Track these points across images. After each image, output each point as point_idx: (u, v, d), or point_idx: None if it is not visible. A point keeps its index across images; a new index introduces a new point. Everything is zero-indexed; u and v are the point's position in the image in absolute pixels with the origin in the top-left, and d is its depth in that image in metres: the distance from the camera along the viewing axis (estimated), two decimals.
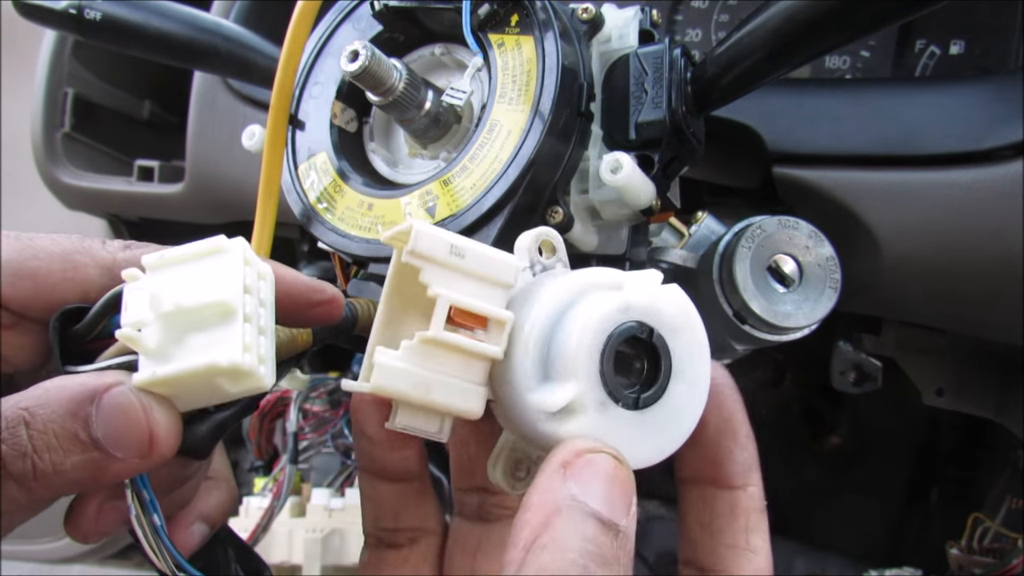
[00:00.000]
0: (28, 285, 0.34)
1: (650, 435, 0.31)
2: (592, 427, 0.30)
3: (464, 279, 0.32)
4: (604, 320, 0.31)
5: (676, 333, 0.32)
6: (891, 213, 0.54)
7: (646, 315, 0.31)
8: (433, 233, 0.31)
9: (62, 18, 0.52)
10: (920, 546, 1.09)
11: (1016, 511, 0.75)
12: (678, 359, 0.31)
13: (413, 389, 0.31)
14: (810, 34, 0.41)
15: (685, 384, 0.32)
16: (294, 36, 0.45)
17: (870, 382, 0.74)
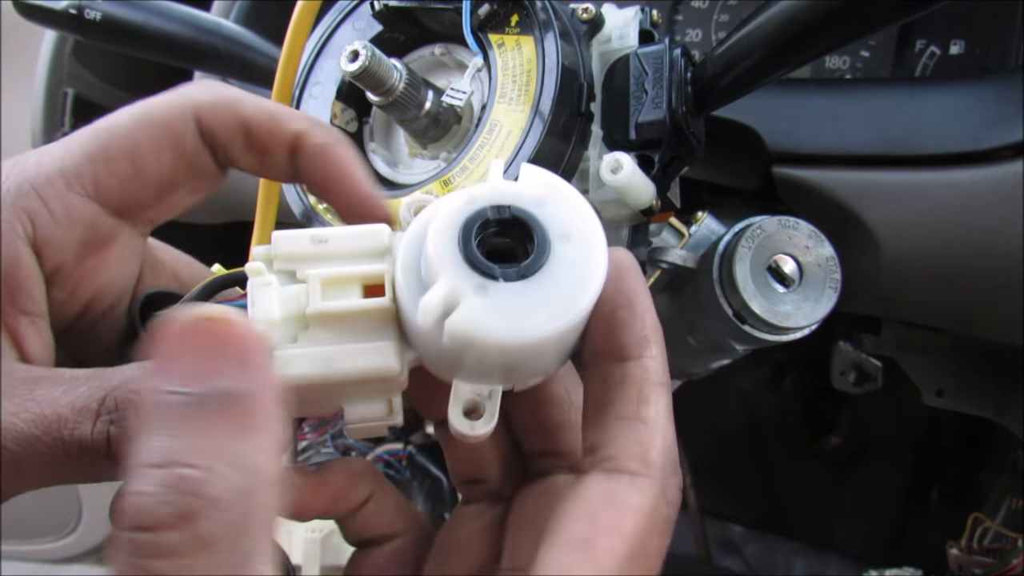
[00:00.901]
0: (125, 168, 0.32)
1: (552, 296, 0.30)
2: (474, 309, 0.29)
3: (339, 262, 0.32)
4: (453, 214, 0.30)
5: (543, 203, 0.31)
6: (891, 213, 0.55)
7: (499, 198, 0.31)
8: (290, 235, 0.32)
9: (62, 18, 0.52)
10: (920, 546, 1.09)
11: (1016, 511, 0.75)
12: (557, 223, 0.31)
13: (315, 366, 0.30)
14: (810, 34, 0.41)
15: (573, 243, 0.30)
16: (294, 36, 0.45)
17: (870, 382, 0.74)
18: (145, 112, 0.32)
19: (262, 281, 0.31)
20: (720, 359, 0.61)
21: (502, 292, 0.29)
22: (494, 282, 0.29)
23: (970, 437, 1.05)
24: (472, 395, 0.32)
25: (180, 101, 0.33)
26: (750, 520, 1.22)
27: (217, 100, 0.33)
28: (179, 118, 0.32)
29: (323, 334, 0.31)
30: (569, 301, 0.30)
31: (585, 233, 0.31)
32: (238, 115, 0.33)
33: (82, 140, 0.31)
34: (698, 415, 1.17)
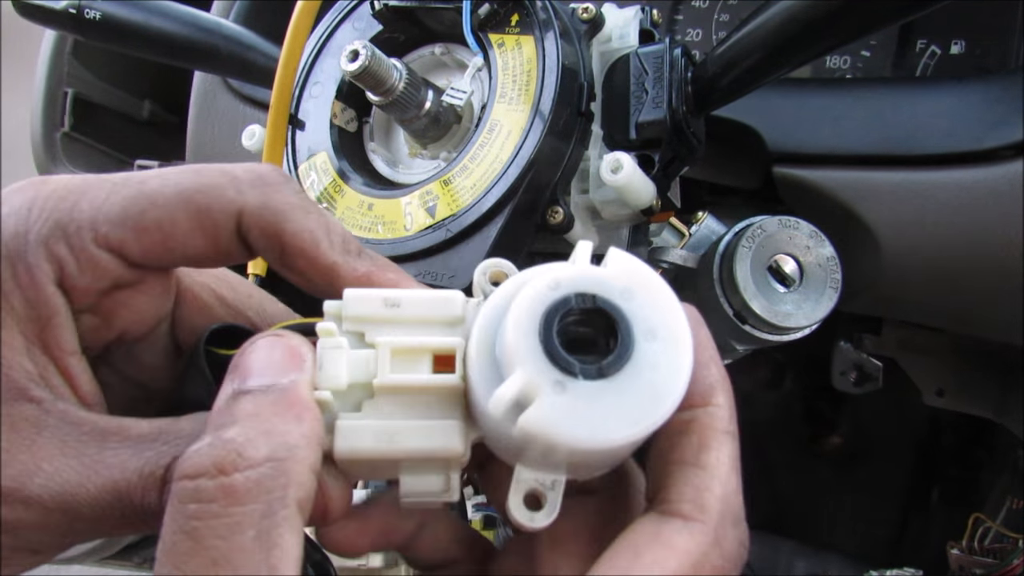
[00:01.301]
0: (155, 238, 0.31)
1: (631, 400, 0.28)
2: (551, 407, 0.28)
3: (411, 327, 0.31)
4: (535, 301, 0.29)
5: (631, 294, 0.29)
6: (891, 213, 0.54)
7: (584, 285, 0.29)
8: (362, 295, 0.31)
9: (62, 18, 0.52)
10: (921, 546, 1.09)
11: (1017, 511, 0.75)
12: (643, 318, 0.29)
13: (377, 441, 0.30)
14: (811, 34, 0.41)
15: (659, 341, 0.29)
16: (294, 36, 0.45)
17: (871, 382, 0.74)
18: (191, 191, 0.31)
19: (333, 344, 0.30)
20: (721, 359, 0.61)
21: (580, 390, 0.28)
22: (573, 379, 0.28)
23: (970, 437, 1.05)
24: (534, 484, 0.31)
25: (228, 197, 0.32)
26: (750, 520, 1.22)
27: (264, 210, 0.32)
28: (222, 213, 0.32)
29: (388, 406, 0.30)
30: (649, 408, 0.28)
31: (672, 332, 0.29)
32: (280, 233, 0.32)
33: (122, 200, 0.31)
34: None
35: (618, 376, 0.28)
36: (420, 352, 0.31)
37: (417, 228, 0.45)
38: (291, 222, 0.32)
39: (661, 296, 0.30)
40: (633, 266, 0.30)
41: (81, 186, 0.31)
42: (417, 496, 0.32)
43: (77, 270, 0.30)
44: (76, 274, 0.30)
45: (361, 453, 0.30)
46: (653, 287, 0.30)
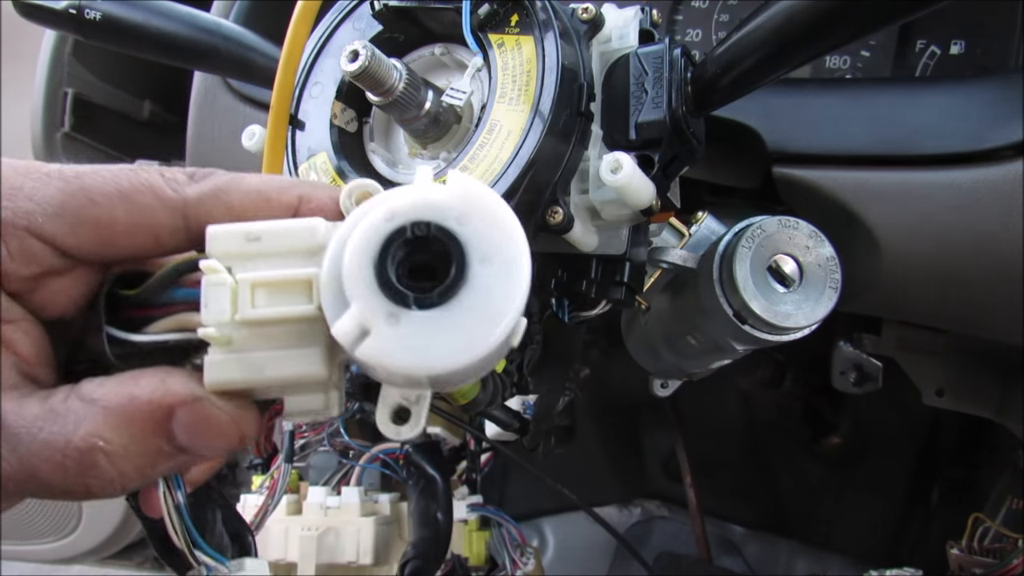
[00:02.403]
0: (90, 233, 0.33)
1: (464, 326, 0.29)
2: (386, 341, 0.28)
3: (274, 259, 0.32)
4: (369, 233, 0.29)
5: (466, 219, 0.30)
6: (891, 213, 0.54)
7: (419, 214, 0.29)
8: (225, 230, 0.32)
9: (62, 18, 0.52)
10: (921, 546, 1.09)
11: (1016, 511, 0.75)
12: (478, 243, 0.29)
13: (245, 373, 0.31)
14: (810, 34, 0.41)
15: (493, 265, 0.29)
16: (294, 36, 0.45)
17: (871, 382, 0.74)
18: (130, 190, 0.33)
19: (217, 280, 0.31)
20: (720, 359, 0.61)
21: (414, 320, 0.29)
22: (406, 310, 0.29)
23: (970, 437, 1.05)
24: (400, 399, 0.33)
25: (167, 195, 0.33)
26: (750, 520, 1.22)
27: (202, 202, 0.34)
28: (164, 211, 0.33)
29: (255, 339, 0.31)
30: (482, 332, 0.29)
31: (506, 255, 0.29)
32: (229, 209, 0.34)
33: (61, 194, 0.32)
34: (698, 415, 1.17)
35: (452, 303, 0.29)
36: (279, 285, 0.32)
37: None
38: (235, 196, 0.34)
39: (497, 219, 0.30)
40: (469, 189, 0.30)
41: (20, 175, 0.32)
42: (300, 415, 0.33)
43: (9, 256, 0.32)
44: (8, 260, 0.32)
45: (231, 385, 0.31)
46: (488, 211, 0.30)
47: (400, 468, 0.90)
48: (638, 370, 0.73)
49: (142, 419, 0.31)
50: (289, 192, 0.35)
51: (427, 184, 0.31)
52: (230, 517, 0.43)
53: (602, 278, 0.50)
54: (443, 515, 0.83)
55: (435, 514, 0.83)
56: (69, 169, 0.33)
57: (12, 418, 0.31)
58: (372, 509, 0.89)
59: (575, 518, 1.26)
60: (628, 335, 0.72)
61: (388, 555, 0.88)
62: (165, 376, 0.32)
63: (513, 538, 0.95)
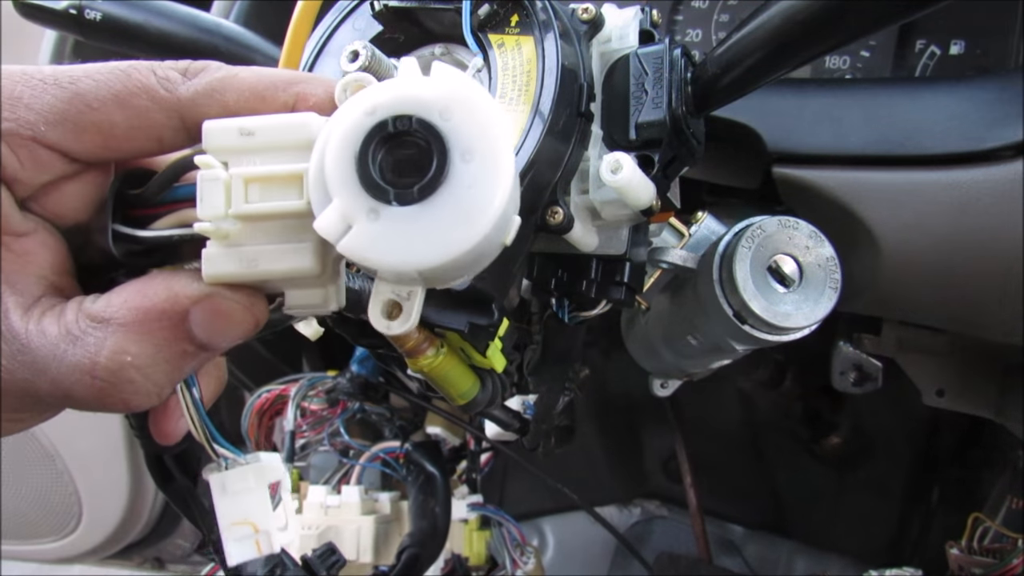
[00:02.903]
0: (93, 138, 0.33)
1: (445, 221, 0.29)
2: (366, 237, 0.29)
3: (268, 154, 0.32)
4: (350, 128, 0.29)
5: (449, 112, 0.29)
6: (891, 213, 0.54)
7: (401, 107, 0.29)
8: (220, 125, 0.32)
9: (62, 18, 0.52)
10: (920, 546, 1.09)
11: (1016, 511, 0.75)
12: (460, 137, 0.29)
13: (240, 266, 0.31)
14: (810, 34, 0.41)
15: (476, 161, 0.29)
16: (294, 36, 0.45)
17: (870, 382, 0.74)
18: (125, 94, 0.33)
19: (211, 176, 0.32)
20: (720, 359, 0.62)
21: (395, 216, 0.28)
22: (387, 206, 0.28)
23: (970, 437, 1.05)
24: (391, 294, 0.33)
25: (161, 96, 0.33)
26: (750, 520, 1.22)
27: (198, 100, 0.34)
28: (161, 112, 0.33)
29: (250, 232, 0.32)
30: (463, 227, 0.29)
31: (489, 150, 0.29)
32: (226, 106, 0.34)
33: (59, 102, 0.32)
34: (698, 415, 1.17)
35: (432, 199, 0.29)
36: (272, 179, 0.32)
37: None
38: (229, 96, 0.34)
39: (480, 113, 0.30)
40: (452, 84, 0.30)
41: (17, 83, 0.32)
42: (299, 308, 0.34)
43: (20, 166, 0.32)
44: (18, 168, 0.32)
45: (227, 277, 0.32)
46: (472, 104, 0.30)
47: (400, 466, 0.90)
48: (638, 370, 0.73)
49: (161, 327, 0.31)
50: (285, 90, 0.34)
51: (411, 77, 0.30)
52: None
53: (602, 278, 0.50)
54: (441, 509, 0.83)
55: (433, 508, 0.83)
56: (64, 74, 0.33)
57: (37, 341, 0.31)
58: (372, 508, 0.89)
59: (575, 518, 1.26)
60: (628, 335, 0.72)
61: (388, 553, 0.88)
62: (170, 281, 0.32)
63: (513, 537, 0.95)
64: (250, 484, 0.41)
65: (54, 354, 0.31)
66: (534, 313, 0.56)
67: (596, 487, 1.27)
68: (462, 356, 0.49)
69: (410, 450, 0.88)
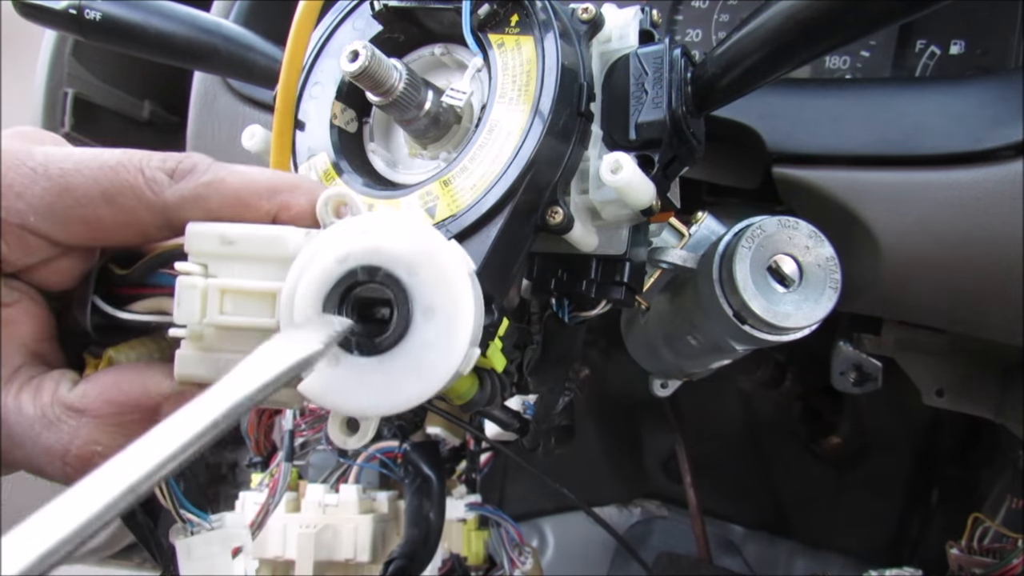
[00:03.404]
0: (80, 229, 0.34)
1: (398, 376, 0.30)
2: (325, 382, 0.30)
3: (246, 264, 0.33)
4: (322, 274, 0.30)
5: (416, 268, 0.30)
6: (891, 213, 0.54)
7: (371, 259, 0.30)
8: (203, 230, 0.33)
9: (62, 18, 0.52)
10: (920, 546, 1.09)
11: (1016, 511, 0.75)
12: (424, 294, 0.30)
13: (211, 370, 0.33)
14: (810, 34, 0.41)
15: (435, 320, 0.30)
16: (296, 36, 0.45)
17: (870, 382, 0.74)
18: (113, 192, 0.34)
19: (189, 283, 0.33)
20: (720, 359, 0.61)
21: (354, 364, 0.30)
22: (347, 354, 0.30)
23: (970, 437, 1.05)
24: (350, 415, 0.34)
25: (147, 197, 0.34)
26: (750, 520, 1.22)
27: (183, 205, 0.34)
28: (147, 211, 0.34)
29: (223, 339, 0.33)
30: (416, 385, 0.30)
31: (449, 311, 0.30)
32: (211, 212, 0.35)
33: (48, 194, 0.33)
34: (698, 415, 1.17)
35: (391, 353, 0.30)
36: (246, 294, 0.33)
37: None
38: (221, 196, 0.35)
39: (445, 273, 0.31)
40: (422, 239, 0.31)
41: (9, 168, 0.33)
42: (270, 404, 0.35)
43: (8, 250, 0.34)
44: (7, 251, 0.34)
45: (196, 379, 0.33)
46: (439, 263, 0.31)
47: (397, 467, 0.90)
48: (638, 370, 0.73)
49: (132, 420, 0.33)
50: (269, 199, 0.35)
51: (385, 227, 0.31)
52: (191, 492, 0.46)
53: (602, 278, 0.50)
54: (435, 515, 0.84)
55: (427, 514, 0.83)
56: (55, 164, 0.34)
57: (14, 417, 0.32)
58: (370, 507, 0.89)
59: (575, 518, 1.26)
60: (628, 335, 0.72)
61: (385, 552, 0.88)
62: (144, 376, 0.34)
63: (511, 537, 0.95)
64: (214, 550, 0.42)
65: (28, 434, 0.32)
66: (534, 313, 0.56)
67: (596, 487, 1.27)
68: None
69: (408, 451, 0.88)
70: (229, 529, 0.43)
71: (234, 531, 0.43)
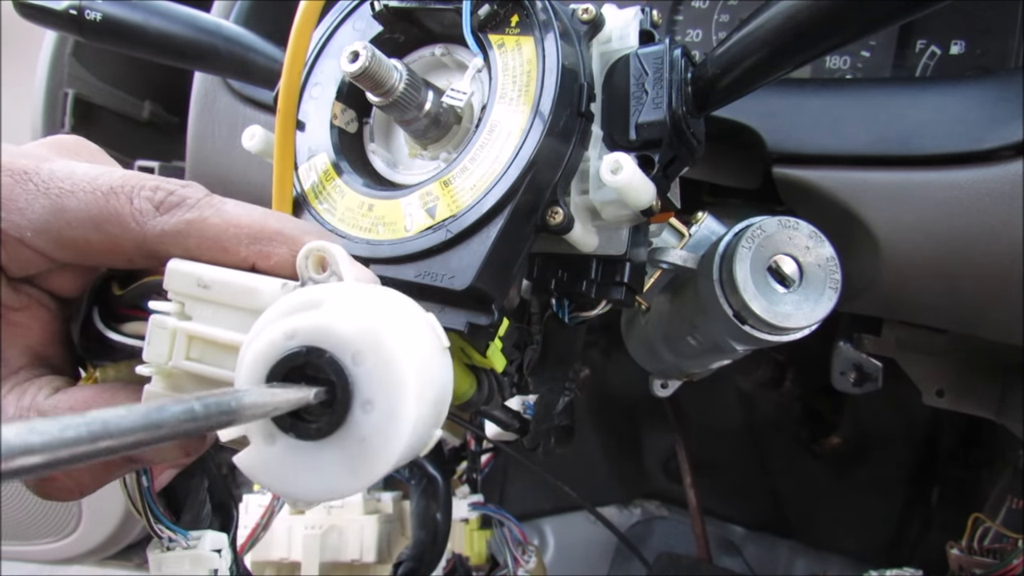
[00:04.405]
0: (71, 250, 0.35)
1: (331, 466, 0.29)
2: (258, 458, 0.29)
3: (220, 309, 0.33)
4: (267, 349, 0.29)
5: (362, 357, 0.29)
6: (891, 213, 0.54)
7: (319, 340, 0.29)
8: (182, 269, 0.34)
9: (62, 18, 0.52)
10: (920, 546, 1.09)
11: (1017, 511, 0.75)
12: (366, 386, 0.29)
13: None
14: (810, 35, 0.41)
15: (374, 414, 0.29)
16: (298, 37, 0.45)
17: (871, 382, 0.74)
18: (100, 220, 0.35)
19: (160, 322, 0.33)
20: (720, 359, 0.62)
21: (289, 446, 0.29)
22: (283, 434, 0.29)
23: (970, 437, 1.05)
24: None
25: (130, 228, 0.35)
26: (750, 520, 1.22)
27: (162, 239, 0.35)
28: (129, 241, 0.35)
29: (189, 381, 0.33)
30: (347, 477, 0.29)
31: (389, 409, 0.29)
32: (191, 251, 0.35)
33: (45, 213, 0.34)
34: (698, 415, 1.17)
35: (327, 440, 0.29)
36: (213, 343, 0.33)
37: (417, 229, 0.45)
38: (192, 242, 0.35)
39: (390, 366, 0.29)
40: (377, 329, 0.29)
41: (17, 183, 0.35)
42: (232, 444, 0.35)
43: (8, 260, 0.35)
44: (8, 261, 0.35)
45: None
46: (385, 355, 0.29)
47: (403, 468, 0.90)
48: (638, 370, 0.73)
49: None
50: (248, 247, 0.35)
51: (338, 307, 0.30)
52: (217, 487, 0.45)
53: (602, 278, 0.50)
54: (442, 516, 0.83)
55: (434, 515, 0.83)
56: (56, 183, 0.35)
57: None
58: (375, 507, 0.89)
59: (575, 518, 1.26)
60: (628, 335, 0.72)
61: (391, 553, 0.88)
62: (117, 399, 0.35)
63: (515, 536, 0.95)
64: (184, 569, 0.42)
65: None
66: (534, 313, 0.56)
67: (596, 487, 1.27)
68: (461, 356, 0.49)
69: None
70: (203, 552, 0.42)
71: (207, 554, 0.42)
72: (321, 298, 0.30)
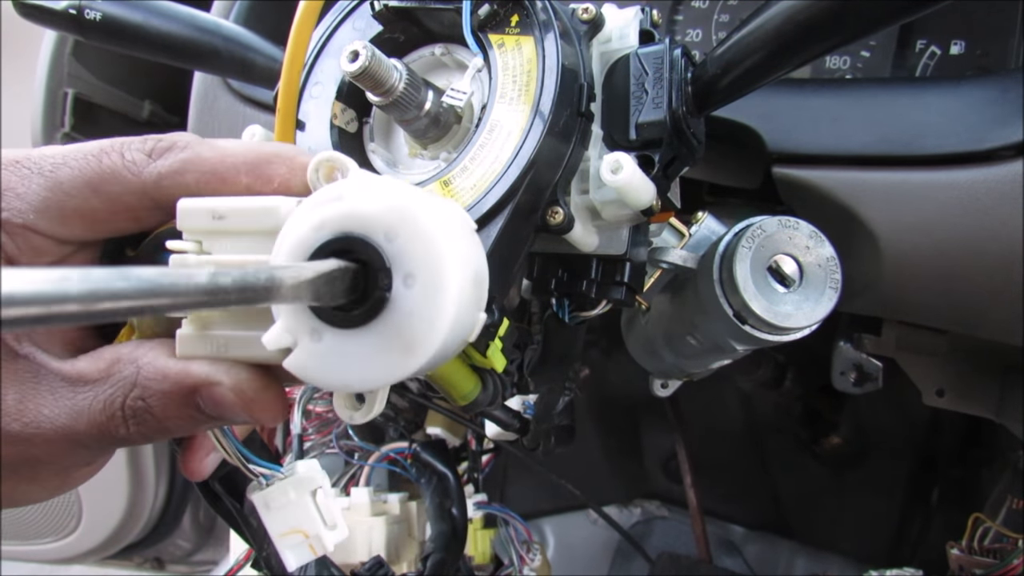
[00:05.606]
0: (77, 223, 0.35)
1: (381, 349, 0.28)
2: (308, 355, 0.29)
3: (239, 238, 0.33)
4: (297, 246, 0.29)
5: (394, 233, 0.28)
6: (891, 213, 0.54)
7: (348, 225, 0.29)
8: (193, 206, 0.33)
9: (62, 18, 0.52)
10: (921, 546, 1.09)
11: (1017, 511, 0.75)
12: (403, 261, 0.28)
13: (210, 350, 0.32)
14: (811, 35, 0.41)
15: (417, 287, 0.28)
16: (297, 36, 0.45)
17: (871, 382, 0.74)
18: (96, 181, 0.34)
19: (179, 262, 0.33)
20: (720, 359, 0.61)
21: (336, 339, 0.28)
22: (329, 328, 0.28)
23: (970, 437, 1.05)
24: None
25: (128, 180, 0.34)
26: (750, 520, 1.22)
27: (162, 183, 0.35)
28: (131, 196, 0.35)
29: (221, 318, 0.33)
30: (399, 357, 0.28)
31: (431, 277, 0.28)
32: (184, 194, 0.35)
33: (42, 191, 0.34)
34: (698, 415, 1.17)
35: (373, 324, 0.28)
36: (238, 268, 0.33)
37: None
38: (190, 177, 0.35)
39: (425, 236, 0.29)
40: (400, 202, 0.29)
41: (9, 171, 0.34)
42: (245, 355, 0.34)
43: (18, 251, 0.35)
44: (16, 253, 0.35)
45: (198, 358, 0.33)
46: (417, 226, 0.29)
47: (410, 467, 0.90)
48: (638, 370, 0.73)
49: (174, 391, 0.33)
50: (247, 173, 0.35)
51: (363, 192, 0.30)
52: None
53: (602, 278, 0.50)
54: (458, 510, 0.83)
55: (450, 509, 0.83)
56: (47, 160, 0.35)
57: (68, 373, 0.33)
58: (382, 509, 0.89)
59: (576, 518, 1.26)
60: (628, 335, 0.72)
61: (399, 554, 0.88)
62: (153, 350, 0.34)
63: (520, 535, 0.95)
64: (291, 497, 0.42)
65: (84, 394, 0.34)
66: (534, 313, 0.56)
67: (596, 487, 1.27)
68: (463, 357, 0.49)
69: (418, 450, 0.88)
70: (301, 475, 0.43)
71: (307, 475, 0.43)
72: (341, 190, 0.30)
